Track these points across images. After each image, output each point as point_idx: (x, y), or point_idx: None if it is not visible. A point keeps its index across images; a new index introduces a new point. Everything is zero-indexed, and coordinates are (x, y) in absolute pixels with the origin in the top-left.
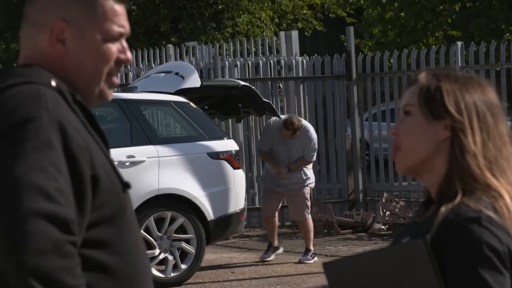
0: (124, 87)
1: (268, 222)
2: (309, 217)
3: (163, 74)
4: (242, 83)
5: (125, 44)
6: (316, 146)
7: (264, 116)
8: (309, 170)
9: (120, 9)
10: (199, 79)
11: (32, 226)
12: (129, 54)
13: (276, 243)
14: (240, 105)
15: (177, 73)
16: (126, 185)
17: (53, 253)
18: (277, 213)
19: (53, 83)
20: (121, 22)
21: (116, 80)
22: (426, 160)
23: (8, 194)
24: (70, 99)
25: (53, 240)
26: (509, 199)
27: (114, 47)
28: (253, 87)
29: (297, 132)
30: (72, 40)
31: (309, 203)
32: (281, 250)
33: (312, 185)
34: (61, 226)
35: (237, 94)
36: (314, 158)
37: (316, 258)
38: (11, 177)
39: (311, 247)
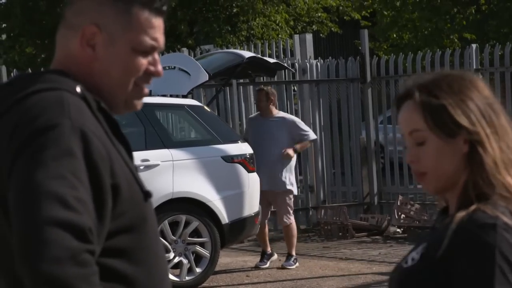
0: None
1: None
2: (291, 222)
3: (167, 69)
4: (246, 55)
5: (157, 57)
6: (303, 126)
7: (276, 76)
8: (292, 176)
9: (156, 21)
10: (205, 72)
11: (48, 234)
12: (159, 68)
13: (269, 250)
14: (250, 72)
15: (180, 69)
16: (147, 194)
17: (69, 261)
18: (266, 220)
19: (78, 89)
20: (155, 35)
21: (146, 90)
22: (453, 178)
23: (26, 201)
24: (94, 106)
25: (69, 248)
26: None
27: (144, 59)
28: (257, 55)
29: (270, 97)
30: (102, 46)
31: (291, 209)
32: (275, 256)
33: (295, 191)
34: (78, 234)
35: (245, 66)
36: (312, 136)
37: (297, 264)
38: (30, 185)
39: (293, 253)
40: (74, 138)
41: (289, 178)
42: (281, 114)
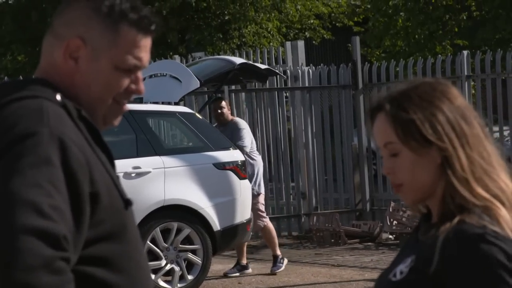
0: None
1: None
2: (265, 223)
3: (158, 76)
4: (237, 61)
5: (139, 75)
6: (243, 134)
7: (267, 81)
8: (258, 183)
9: (143, 41)
10: (196, 79)
11: (22, 243)
12: (141, 86)
13: (244, 261)
14: (241, 78)
15: (172, 76)
16: (128, 202)
17: (43, 269)
18: None
19: (58, 97)
20: (139, 55)
21: (125, 108)
22: (431, 188)
23: (1, 209)
24: (75, 114)
25: (43, 256)
26: (503, 209)
27: (126, 77)
28: (249, 62)
29: (224, 109)
30: (85, 60)
31: (262, 212)
32: (249, 270)
33: (262, 191)
34: (53, 242)
35: (236, 72)
36: (244, 143)
37: (285, 261)
38: (6, 193)
39: (278, 252)
40: (52, 146)
41: (259, 182)
42: (236, 119)
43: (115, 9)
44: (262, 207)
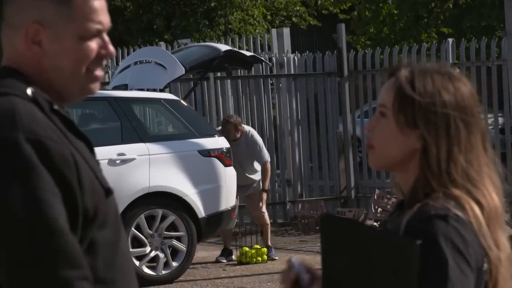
0: (120, 86)
1: None
2: (265, 213)
3: (143, 62)
4: (223, 48)
5: (106, 38)
6: (262, 147)
7: (253, 68)
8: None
9: (98, 4)
10: (182, 66)
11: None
12: (110, 48)
13: (229, 247)
14: (226, 65)
15: (157, 63)
16: (108, 191)
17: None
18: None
19: (29, 92)
20: (99, 19)
21: (99, 73)
22: (398, 163)
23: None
24: (47, 108)
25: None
26: (474, 204)
27: (93, 44)
28: (234, 49)
29: (234, 127)
30: (48, 41)
31: (264, 204)
32: (233, 256)
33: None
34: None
35: (222, 59)
36: (266, 158)
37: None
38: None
39: (270, 243)
40: (31, 152)
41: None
42: (247, 129)
43: None
44: (264, 200)
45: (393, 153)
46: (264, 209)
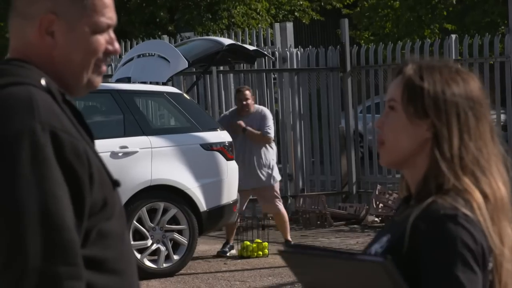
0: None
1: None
2: (282, 208)
3: (146, 56)
4: (226, 42)
5: (112, 35)
6: (271, 124)
7: (255, 63)
8: (275, 171)
9: (108, 0)
10: (185, 59)
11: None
12: (116, 45)
13: (232, 241)
14: (229, 59)
15: (160, 56)
16: (115, 183)
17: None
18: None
19: (43, 82)
20: (109, 14)
21: (104, 68)
22: (409, 157)
23: (8, 222)
24: (60, 99)
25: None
26: (481, 199)
27: (102, 39)
28: (237, 42)
29: (249, 100)
30: (61, 32)
31: (279, 200)
32: (234, 251)
33: (279, 179)
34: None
35: (225, 53)
36: (271, 135)
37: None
38: (15, 200)
39: (289, 237)
40: (46, 143)
41: (273, 174)
42: (258, 106)
43: None
44: (278, 194)
45: (404, 145)
46: (277, 201)
